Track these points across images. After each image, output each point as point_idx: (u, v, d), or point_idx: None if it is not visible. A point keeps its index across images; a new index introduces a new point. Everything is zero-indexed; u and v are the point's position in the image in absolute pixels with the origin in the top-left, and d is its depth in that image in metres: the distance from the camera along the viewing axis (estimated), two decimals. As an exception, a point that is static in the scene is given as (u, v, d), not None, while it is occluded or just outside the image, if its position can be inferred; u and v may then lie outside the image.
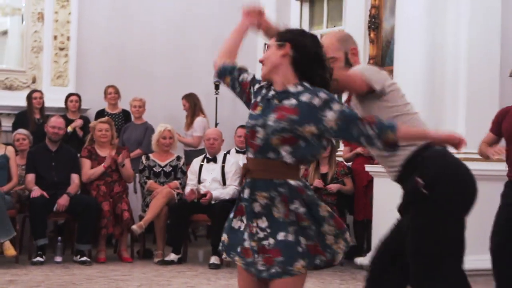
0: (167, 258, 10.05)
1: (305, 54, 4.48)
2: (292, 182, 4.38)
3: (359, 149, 10.86)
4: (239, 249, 4.47)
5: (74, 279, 8.82)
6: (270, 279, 4.34)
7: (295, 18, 13.90)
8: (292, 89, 4.48)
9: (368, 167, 10.32)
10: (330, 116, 4.35)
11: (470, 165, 10.04)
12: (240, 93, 4.79)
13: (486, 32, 10.05)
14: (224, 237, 4.58)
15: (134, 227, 10.03)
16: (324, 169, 10.65)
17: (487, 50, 10.05)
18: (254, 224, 4.42)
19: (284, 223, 4.35)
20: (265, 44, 4.70)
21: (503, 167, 9.97)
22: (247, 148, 4.53)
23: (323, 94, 4.38)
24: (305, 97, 4.41)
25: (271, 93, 4.54)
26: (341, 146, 11.58)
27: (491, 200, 7.19)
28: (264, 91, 4.60)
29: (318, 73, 4.48)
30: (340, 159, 11.09)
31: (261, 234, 4.39)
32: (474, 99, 10.01)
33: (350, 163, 11.02)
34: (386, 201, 9.95)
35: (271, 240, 4.35)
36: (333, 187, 10.47)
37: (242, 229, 4.50)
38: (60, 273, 9.17)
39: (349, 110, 4.45)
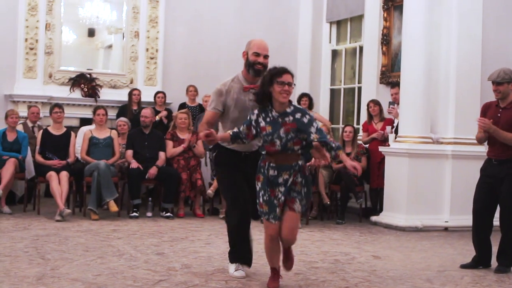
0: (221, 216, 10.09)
1: None
2: (300, 162, 5.42)
3: (374, 135, 10.82)
4: (272, 215, 5.41)
5: (161, 229, 8.86)
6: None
7: (326, 35, 13.83)
8: (288, 110, 5.39)
9: (381, 148, 10.31)
10: (313, 130, 5.34)
11: (458, 148, 10.04)
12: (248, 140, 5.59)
13: (470, 48, 10.10)
14: (265, 207, 5.43)
15: (209, 191, 10.10)
16: (348, 149, 10.59)
17: (471, 61, 10.09)
18: (277, 189, 5.37)
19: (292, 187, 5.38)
20: (289, 83, 5.41)
21: (483, 148, 9.90)
22: (268, 152, 5.41)
23: (308, 116, 5.36)
24: (298, 115, 5.35)
25: (275, 114, 5.37)
26: (360, 132, 11.49)
27: (478, 174, 7.12)
28: (263, 114, 5.40)
29: None
30: (360, 142, 11.02)
31: (279, 195, 5.37)
32: (461, 98, 10.01)
33: (367, 145, 10.96)
34: (394, 174, 9.91)
35: (283, 198, 5.39)
36: (336, 166, 10.48)
37: (258, 190, 5.45)
38: (150, 225, 9.22)
39: (321, 129, 5.41)
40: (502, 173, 6.75)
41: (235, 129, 5.56)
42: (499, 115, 6.83)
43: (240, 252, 6.02)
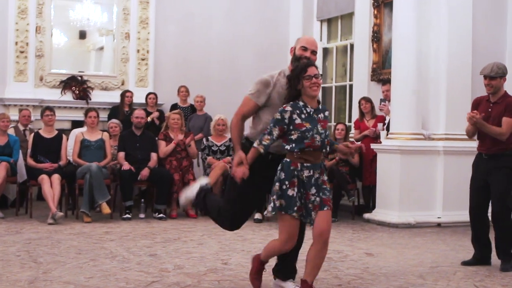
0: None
1: None
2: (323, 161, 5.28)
3: (366, 132, 10.84)
4: (295, 208, 5.06)
5: (153, 230, 8.84)
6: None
7: (316, 33, 13.83)
8: (319, 106, 5.24)
9: (373, 145, 10.31)
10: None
11: (450, 144, 10.06)
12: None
13: (460, 44, 10.10)
14: (279, 202, 5.08)
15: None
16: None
17: (461, 57, 10.10)
18: (310, 191, 5.11)
19: (321, 185, 5.16)
20: (316, 74, 5.10)
21: (474, 144, 9.88)
22: (306, 148, 5.07)
23: (327, 113, 5.32)
24: (326, 113, 5.30)
25: (309, 110, 5.14)
26: (352, 129, 11.50)
27: (470, 169, 7.14)
28: (297, 111, 5.09)
29: None
30: (352, 139, 11.02)
31: (312, 198, 5.11)
32: (452, 94, 10.03)
33: (359, 142, 10.94)
34: (386, 171, 9.92)
35: (317, 199, 5.12)
36: (342, 153, 10.38)
37: (294, 195, 5.05)
38: (143, 226, 9.20)
39: None
40: (492, 167, 6.76)
41: (265, 141, 5.10)
42: (490, 110, 6.83)
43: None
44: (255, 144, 5.14)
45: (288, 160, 5.10)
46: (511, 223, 6.79)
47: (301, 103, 5.13)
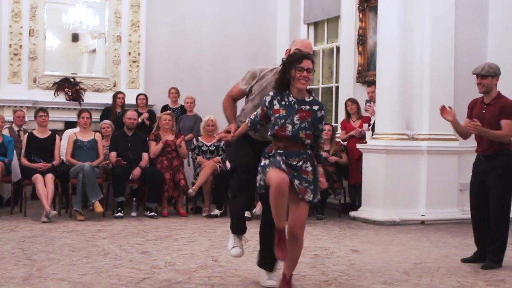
0: (212, 213, 10.06)
1: None
2: (309, 151, 5.16)
3: (352, 132, 10.86)
4: (278, 165, 4.99)
5: (145, 228, 8.84)
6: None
7: (303, 36, 13.83)
8: (307, 98, 5.15)
9: (359, 145, 10.34)
10: (319, 127, 5.21)
11: (433, 143, 10.12)
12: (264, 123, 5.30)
13: (443, 48, 10.17)
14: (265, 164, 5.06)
15: (190, 191, 10.08)
16: (326, 147, 10.60)
17: (444, 60, 10.19)
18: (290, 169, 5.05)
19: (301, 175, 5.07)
20: (308, 69, 5.09)
21: (457, 144, 9.97)
22: (276, 135, 5.07)
23: (323, 111, 5.19)
24: (315, 107, 5.14)
25: (291, 99, 5.12)
26: (339, 130, 11.52)
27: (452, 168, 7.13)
28: (279, 97, 5.13)
29: None
30: (338, 139, 11.05)
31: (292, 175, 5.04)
32: (435, 96, 10.05)
33: (345, 142, 10.98)
34: (372, 170, 9.95)
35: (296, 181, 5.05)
36: (332, 159, 10.44)
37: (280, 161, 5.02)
38: (135, 224, 9.19)
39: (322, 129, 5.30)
40: (489, 168, 6.70)
41: (252, 116, 5.32)
42: (484, 111, 6.77)
43: (240, 220, 5.75)
44: (246, 120, 5.35)
45: (268, 147, 5.20)
46: (507, 225, 6.71)
47: (286, 91, 5.16)
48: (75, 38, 13.70)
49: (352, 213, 10.19)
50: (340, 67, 12.59)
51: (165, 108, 12.18)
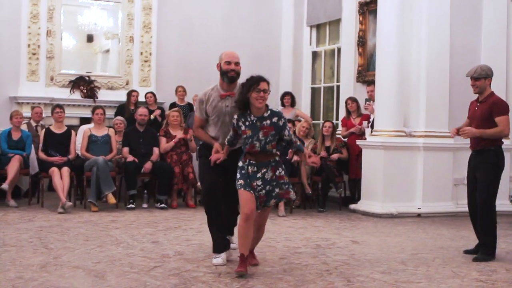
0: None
1: None
2: (277, 158, 5.70)
3: (352, 129, 10.85)
4: (248, 187, 5.54)
5: (156, 219, 8.84)
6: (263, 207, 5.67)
7: (306, 38, 13.84)
8: (265, 114, 5.59)
9: (358, 142, 10.33)
10: (286, 133, 5.63)
11: (429, 140, 10.10)
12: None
13: (439, 49, 10.13)
14: (240, 181, 5.57)
15: (199, 184, 10.06)
16: (327, 143, 10.60)
17: (440, 60, 10.14)
18: (254, 183, 5.57)
19: (270, 180, 5.61)
20: (264, 89, 5.54)
21: (452, 141, 9.96)
22: (248, 152, 5.60)
23: (283, 119, 5.61)
24: (275, 119, 5.58)
25: (253, 118, 5.56)
26: (340, 127, 11.50)
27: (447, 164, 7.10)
28: (243, 119, 5.59)
29: None
30: (339, 136, 11.03)
31: (258, 188, 5.57)
32: (431, 95, 10.08)
33: (346, 139, 10.97)
34: (371, 165, 9.93)
35: (263, 191, 5.59)
36: (334, 156, 10.43)
37: (248, 177, 5.58)
38: (146, 215, 9.19)
39: (289, 130, 5.67)
40: (478, 163, 6.69)
41: (228, 136, 5.82)
42: (476, 109, 6.78)
43: (217, 241, 6.09)
44: (225, 142, 5.86)
45: (243, 154, 5.69)
46: (493, 217, 6.67)
47: (247, 112, 5.60)
48: (90, 38, 13.69)
49: (352, 206, 10.18)
50: (341, 67, 12.57)
51: (172, 105, 12.16)
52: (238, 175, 5.62)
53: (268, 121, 5.58)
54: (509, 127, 6.64)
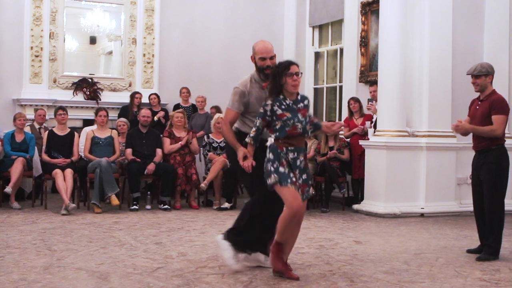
0: (222, 206, 10.05)
1: None
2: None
3: (355, 129, 10.85)
4: (289, 180, 5.29)
5: (159, 220, 8.83)
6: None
7: (309, 39, 13.83)
8: (299, 97, 5.49)
9: (361, 142, 10.33)
10: (310, 113, 5.56)
11: (432, 140, 10.08)
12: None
13: (441, 48, 10.11)
14: (273, 176, 5.29)
15: (201, 185, 10.09)
16: (331, 143, 10.60)
17: (442, 60, 10.12)
18: (296, 171, 5.37)
19: (304, 168, 5.44)
20: (297, 72, 5.40)
21: (455, 140, 9.94)
22: (289, 135, 5.35)
23: (308, 100, 5.54)
24: (306, 101, 5.52)
25: (289, 102, 5.41)
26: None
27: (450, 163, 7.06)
28: (277, 103, 5.38)
29: None
30: (342, 136, 11.01)
31: (297, 176, 5.37)
32: (434, 94, 10.06)
33: (348, 139, 10.95)
34: (374, 165, 9.92)
35: (300, 180, 5.39)
36: (331, 153, 10.43)
37: (286, 172, 5.31)
38: (149, 216, 9.19)
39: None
40: (481, 163, 6.65)
41: (252, 133, 5.46)
42: (477, 107, 6.75)
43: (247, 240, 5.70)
44: (247, 140, 5.48)
45: (275, 145, 5.41)
46: (502, 218, 6.64)
47: (281, 97, 5.42)
48: (92, 40, 13.72)
49: (355, 206, 10.17)
50: (344, 67, 12.57)
51: (176, 106, 12.18)
52: (271, 170, 5.31)
53: (302, 104, 5.48)
54: (503, 127, 6.59)
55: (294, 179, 5.33)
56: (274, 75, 5.44)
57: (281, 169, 5.32)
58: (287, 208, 5.31)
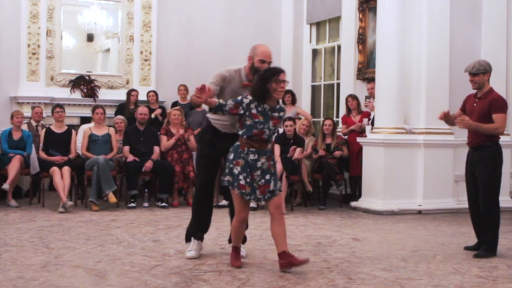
0: (220, 203, 10.03)
1: None
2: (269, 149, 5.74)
3: (352, 127, 10.85)
4: (236, 184, 5.55)
5: (156, 218, 8.84)
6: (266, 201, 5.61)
7: (306, 36, 13.82)
8: (277, 106, 5.63)
9: (359, 139, 10.32)
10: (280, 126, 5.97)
11: (429, 137, 10.08)
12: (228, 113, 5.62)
13: (439, 46, 10.11)
14: (228, 177, 5.60)
15: (198, 181, 10.10)
16: (328, 140, 10.61)
17: (440, 58, 10.12)
18: (255, 173, 5.54)
19: (267, 170, 5.58)
20: (284, 80, 5.54)
21: (452, 137, 9.94)
22: (253, 136, 5.52)
23: (283, 114, 5.70)
24: (281, 113, 5.67)
25: (266, 107, 5.53)
26: (340, 124, 11.50)
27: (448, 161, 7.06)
28: (255, 103, 5.51)
29: None
30: (339, 133, 11.02)
31: (257, 178, 5.54)
32: (431, 92, 10.05)
33: (346, 136, 10.95)
34: (372, 162, 9.92)
35: (262, 181, 5.55)
36: (337, 153, 10.44)
37: (237, 173, 5.53)
38: (147, 214, 9.19)
39: None
40: (476, 159, 6.66)
41: (221, 101, 5.63)
42: (475, 105, 6.73)
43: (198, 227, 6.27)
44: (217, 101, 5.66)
45: (238, 144, 5.60)
46: (497, 214, 6.64)
47: (261, 100, 5.54)
48: (90, 38, 13.70)
49: (353, 203, 10.17)
50: (341, 64, 12.56)
51: (175, 104, 12.16)
52: (227, 171, 5.61)
53: (277, 114, 5.62)
54: (505, 125, 6.65)
55: (242, 182, 5.52)
56: (262, 79, 5.51)
57: (235, 170, 5.55)
58: (236, 214, 5.74)
